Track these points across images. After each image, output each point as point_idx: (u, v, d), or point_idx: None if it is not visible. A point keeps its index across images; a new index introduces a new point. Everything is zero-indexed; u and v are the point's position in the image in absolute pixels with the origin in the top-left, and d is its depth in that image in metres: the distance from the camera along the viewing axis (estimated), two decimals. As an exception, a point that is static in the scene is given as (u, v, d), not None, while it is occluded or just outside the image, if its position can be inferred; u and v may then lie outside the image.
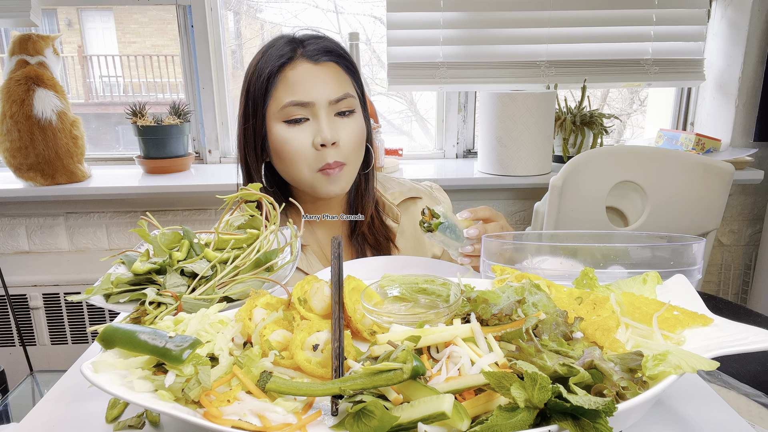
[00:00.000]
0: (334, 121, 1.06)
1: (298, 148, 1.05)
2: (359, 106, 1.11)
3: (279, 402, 0.56)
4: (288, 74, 1.04)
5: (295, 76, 1.04)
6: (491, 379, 0.51)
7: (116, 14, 6.15)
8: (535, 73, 2.13)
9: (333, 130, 1.04)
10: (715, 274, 2.40)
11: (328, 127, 1.04)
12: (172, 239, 0.88)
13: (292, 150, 1.05)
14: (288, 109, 1.04)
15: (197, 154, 2.28)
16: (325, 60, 1.06)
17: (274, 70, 1.04)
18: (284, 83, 1.04)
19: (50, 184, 1.92)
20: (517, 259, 0.87)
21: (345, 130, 1.06)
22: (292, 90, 1.04)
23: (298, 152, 1.05)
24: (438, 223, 0.91)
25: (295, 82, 1.04)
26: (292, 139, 1.05)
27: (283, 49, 1.06)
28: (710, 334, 0.63)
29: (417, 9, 2.05)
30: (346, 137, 1.06)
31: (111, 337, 0.59)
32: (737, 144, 2.21)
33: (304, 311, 0.70)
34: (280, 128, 1.05)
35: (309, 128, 1.05)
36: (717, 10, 2.20)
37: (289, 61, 1.05)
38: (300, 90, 1.03)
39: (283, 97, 1.04)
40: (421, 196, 1.25)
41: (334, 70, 1.07)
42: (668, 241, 0.87)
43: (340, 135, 1.06)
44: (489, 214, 0.99)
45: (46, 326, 2.03)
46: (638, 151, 1.66)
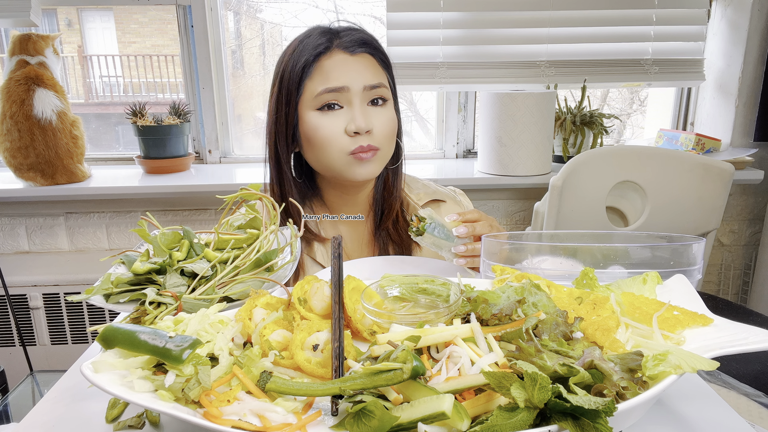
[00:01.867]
0: (368, 110, 1.05)
1: (330, 134, 1.04)
2: (392, 98, 1.11)
3: (279, 402, 0.56)
4: (324, 63, 1.04)
5: (331, 65, 1.04)
6: (491, 379, 0.51)
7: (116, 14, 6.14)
8: (535, 73, 2.13)
9: (367, 118, 1.04)
10: (715, 274, 2.40)
11: (362, 115, 1.04)
12: (172, 239, 0.88)
13: (324, 136, 1.04)
14: (322, 96, 1.03)
15: (197, 154, 2.28)
16: (361, 51, 1.06)
17: (310, 59, 1.04)
18: (319, 72, 1.04)
19: (50, 184, 1.92)
20: (517, 259, 0.87)
21: (378, 119, 1.06)
22: (327, 77, 1.04)
23: (330, 138, 1.04)
24: (425, 225, 0.92)
25: (330, 70, 1.04)
26: (325, 125, 1.04)
27: (319, 39, 1.05)
28: (710, 334, 0.63)
29: (417, 9, 2.05)
30: (379, 125, 1.06)
31: (111, 337, 0.59)
32: (737, 144, 2.21)
33: (304, 311, 0.70)
34: (313, 116, 1.05)
35: (342, 115, 1.04)
36: (717, 10, 2.20)
37: (325, 51, 1.04)
38: (334, 76, 1.03)
39: (317, 85, 1.04)
40: (445, 199, 1.24)
41: (370, 61, 1.07)
42: (668, 241, 0.87)
43: (374, 123, 1.05)
44: (477, 216, 0.99)
45: (46, 326, 2.03)
46: (638, 151, 1.66)
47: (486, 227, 0.98)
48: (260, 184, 0.93)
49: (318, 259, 1.14)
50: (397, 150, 1.16)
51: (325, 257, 1.15)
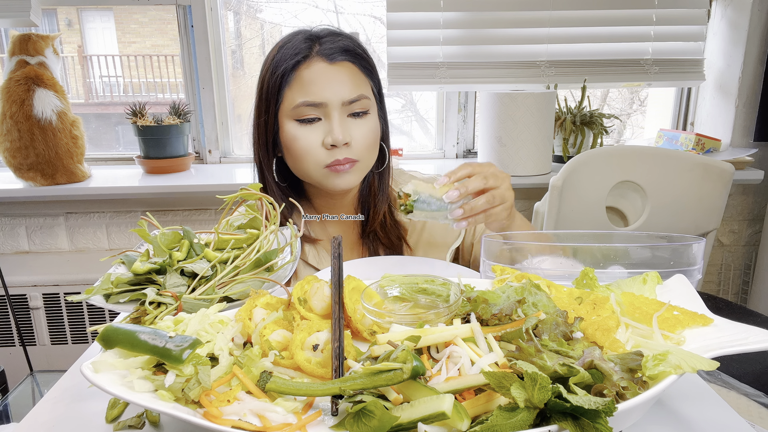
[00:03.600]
0: (347, 122, 1.04)
1: (308, 146, 1.03)
2: (375, 106, 1.09)
3: (279, 402, 0.56)
4: (303, 73, 1.02)
5: (310, 76, 1.02)
6: (491, 379, 0.51)
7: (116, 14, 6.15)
8: (535, 73, 2.13)
9: (345, 131, 1.03)
10: (715, 274, 2.40)
11: (340, 128, 1.02)
12: (172, 239, 0.88)
13: (301, 147, 1.04)
14: (300, 108, 1.02)
15: (197, 154, 2.28)
16: (342, 59, 1.04)
17: (288, 67, 1.02)
18: (298, 82, 1.03)
19: (50, 184, 1.92)
20: (517, 259, 0.87)
21: (358, 131, 1.05)
22: (305, 90, 1.02)
23: (307, 150, 1.03)
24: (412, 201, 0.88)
25: (309, 82, 1.02)
26: (303, 137, 1.03)
27: (300, 46, 1.03)
28: (710, 334, 0.63)
29: (417, 9, 2.05)
30: (358, 137, 1.05)
31: (111, 337, 0.59)
32: (737, 144, 2.21)
33: (304, 311, 0.70)
34: (292, 126, 1.04)
35: (320, 128, 1.04)
36: (717, 10, 2.20)
37: (304, 60, 1.03)
38: (313, 90, 1.02)
39: (296, 96, 1.03)
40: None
41: (350, 71, 1.05)
42: (668, 241, 0.87)
43: (353, 135, 1.04)
44: (470, 170, 0.93)
45: (46, 326, 2.03)
46: (638, 151, 1.66)
47: (479, 181, 0.91)
48: (260, 185, 0.93)
49: (310, 261, 1.13)
50: (382, 154, 1.14)
51: (317, 259, 1.14)
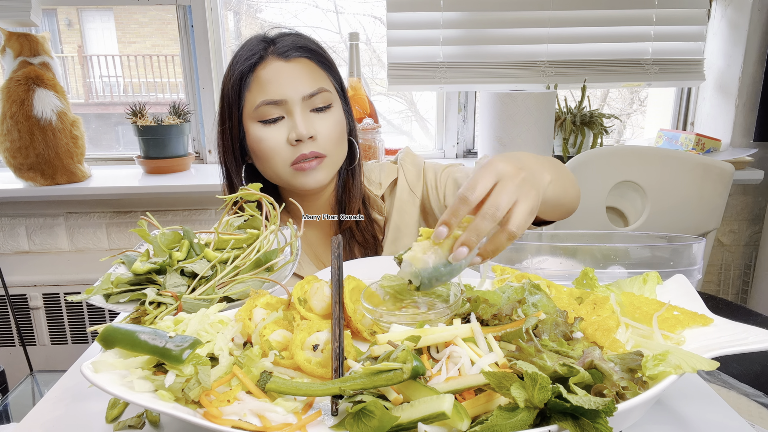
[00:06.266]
0: (310, 117, 1.04)
1: (274, 146, 1.03)
2: (338, 100, 1.09)
3: (279, 402, 0.56)
4: (260, 73, 1.03)
5: (267, 75, 1.02)
6: (491, 379, 0.51)
7: (116, 14, 6.15)
8: (535, 73, 2.12)
9: (308, 125, 1.03)
10: (715, 274, 2.40)
11: (303, 122, 1.02)
12: (172, 239, 0.88)
13: (267, 148, 1.04)
14: (262, 108, 1.02)
15: (197, 154, 2.27)
16: (297, 56, 1.04)
17: (245, 70, 1.03)
18: (257, 83, 1.03)
19: (50, 184, 1.92)
20: (517, 259, 0.87)
21: (322, 124, 1.05)
22: (264, 89, 1.02)
23: (273, 149, 1.03)
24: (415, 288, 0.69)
25: (267, 81, 1.02)
26: (268, 137, 1.03)
27: (255, 48, 1.04)
28: (710, 334, 0.63)
29: (417, 9, 2.05)
30: (323, 131, 1.04)
31: (111, 337, 0.59)
32: (737, 144, 2.21)
33: (304, 311, 0.70)
34: (256, 128, 1.04)
35: (284, 126, 1.04)
36: (717, 10, 2.20)
37: (260, 61, 1.03)
38: (272, 89, 1.02)
39: (256, 97, 1.03)
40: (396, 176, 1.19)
41: (307, 66, 1.05)
42: (668, 241, 0.87)
43: (317, 129, 1.04)
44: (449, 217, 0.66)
45: (46, 326, 2.03)
46: (638, 151, 1.66)
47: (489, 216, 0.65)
48: (260, 185, 0.93)
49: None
50: (352, 150, 1.14)
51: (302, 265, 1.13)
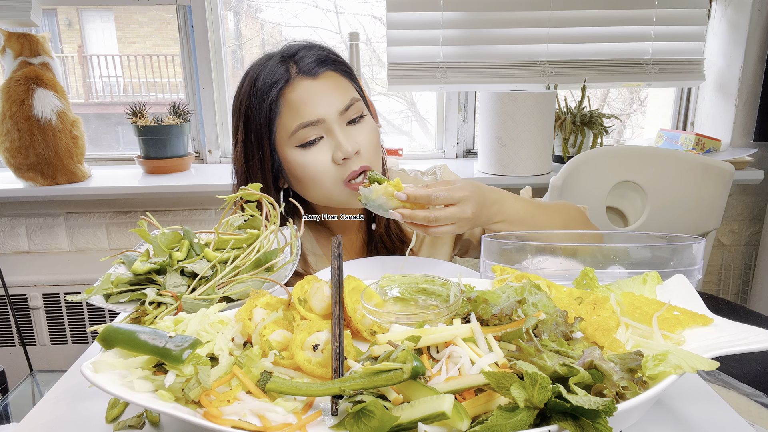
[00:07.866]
0: (349, 131, 1.01)
1: (320, 168, 0.99)
2: (365, 106, 1.07)
3: (279, 402, 0.56)
4: (289, 97, 0.98)
5: (298, 97, 0.98)
6: (491, 379, 0.51)
7: (116, 14, 6.14)
8: (535, 73, 2.13)
9: (351, 141, 0.99)
10: (715, 274, 2.40)
11: (346, 139, 0.99)
12: (172, 239, 0.88)
13: (313, 172, 1.00)
14: (299, 133, 0.98)
15: (197, 154, 2.27)
16: (323, 71, 1.01)
17: (274, 97, 0.98)
18: (288, 107, 0.98)
19: (50, 184, 1.92)
20: (517, 259, 0.87)
21: (361, 136, 1.02)
22: (298, 112, 0.98)
23: (320, 172, 1.00)
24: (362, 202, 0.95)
25: (301, 103, 0.98)
26: (311, 161, 0.99)
27: (277, 70, 0.99)
28: (710, 334, 0.63)
29: (417, 9, 2.05)
30: (364, 142, 1.01)
31: (111, 337, 0.59)
32: (737, 144, 2.21)
33: (304, 311, 0.70)
34: (295, 153, 1.00)
35: (325, 146, 1.00)
36: (717, 10, 2.20)
37: (286, 84, 0.99)
38: (306, 110, 0.98)
39: (290, 122, 0.98)
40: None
41: (334, 79, 1.02)
42: (668, 241, 0.87)
43: (359, 142, 1.01)
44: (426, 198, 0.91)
45: (46, 326, 2.03)
46: (638, 151, 1.66)
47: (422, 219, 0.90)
48: (260, 184, 0.93)
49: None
50: None
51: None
